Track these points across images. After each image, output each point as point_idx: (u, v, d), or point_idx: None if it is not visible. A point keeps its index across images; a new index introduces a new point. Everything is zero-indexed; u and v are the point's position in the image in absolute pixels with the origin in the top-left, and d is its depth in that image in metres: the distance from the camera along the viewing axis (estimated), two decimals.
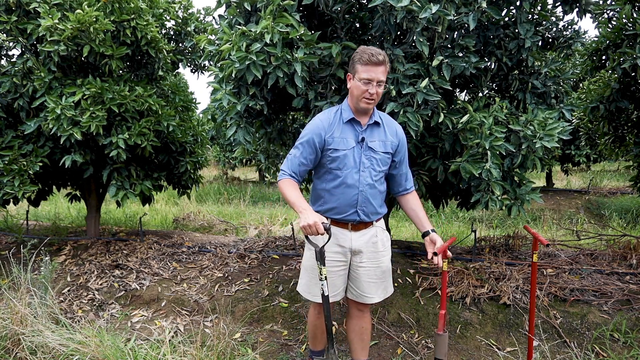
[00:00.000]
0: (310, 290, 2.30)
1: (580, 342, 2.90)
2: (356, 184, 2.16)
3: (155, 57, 4.12)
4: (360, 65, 2.04)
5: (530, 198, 2.92)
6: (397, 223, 7.24)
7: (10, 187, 3.70)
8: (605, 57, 3.76)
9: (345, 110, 2.16)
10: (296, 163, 2.14)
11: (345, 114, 2.15)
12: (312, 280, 2.27)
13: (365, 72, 2.03)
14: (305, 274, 2.34)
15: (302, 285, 2.37)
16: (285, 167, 2.16)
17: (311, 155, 2.15)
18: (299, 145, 2.15)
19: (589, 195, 9.11)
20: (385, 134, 2.21)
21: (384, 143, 2.20)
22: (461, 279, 3.43)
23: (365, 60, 2.02)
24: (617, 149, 4.52)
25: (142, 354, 2.53)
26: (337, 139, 2.13)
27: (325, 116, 2.17)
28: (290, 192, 2.07)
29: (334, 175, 2.17)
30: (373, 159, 2.18)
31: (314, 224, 1.92)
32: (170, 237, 5.05)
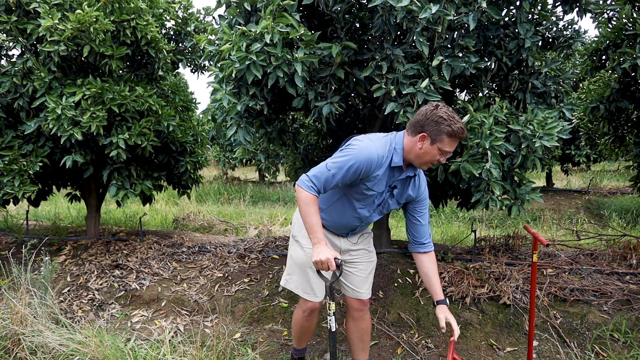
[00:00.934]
0: (304, 288, 2.28)
1: (580, 342, 2.90)
2: (363, 218, 2.20)
3: (155, 57, 4.12)
4: (447, 137, 1.91)
5: (530, 198, 2.92)
6: (397, 223, 7.24)
7: (10, 187, 3.70)
8: (605, 57, 3.75)
9: (397, 154, 2.01)
10: (330, 185, 1.98)
11: (396, 159, 2.01)
12: (305, 278, 2.27)
13: (449, 145, 1.93)
14: (297, 270, 2.29)
15: (293, 281, 2.31)
16: (317, 181, 1.96)
17: (348, 182, 2.01)
18: (344, 166, 1.93)
19: (589, 195, 9.11)
20: (413, 188, 2.15)
21: (403, 195, 2.15)
22: (461, 279, 3.43)
23: (457, 132, 1.90)
24: (617, 149, 4.52)
25: (142, 354, 2.53)
26: (377, 180, 2.04)
27: (382, 152, 1.98)
28: (312, 215, 1.95)
29: (351, 204, 2.13)
30: (389, 204, 2.17)
31: (326, 260, 1.87)
32: (170, 237, 5.05)
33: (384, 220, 4.00)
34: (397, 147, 2.02)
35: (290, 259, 2.34)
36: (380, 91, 2.65)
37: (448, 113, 1.91)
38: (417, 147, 1.96)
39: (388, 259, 3.78)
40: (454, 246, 4.52)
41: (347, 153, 1.96)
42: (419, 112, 1.99)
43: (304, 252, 2.24)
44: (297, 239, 2.29)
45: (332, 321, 2.04)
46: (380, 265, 3.70)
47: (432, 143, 1.93)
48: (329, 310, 2.04)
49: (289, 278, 2.34)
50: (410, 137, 1.99)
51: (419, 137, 1.95)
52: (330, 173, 1.95)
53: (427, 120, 1.92)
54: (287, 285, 2.35)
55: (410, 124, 2.00)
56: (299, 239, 2.27)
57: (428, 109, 1.94)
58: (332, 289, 2.02)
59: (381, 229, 4.01)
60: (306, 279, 2.26)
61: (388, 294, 3.38)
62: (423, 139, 1.94)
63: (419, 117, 1.95)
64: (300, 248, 2.27)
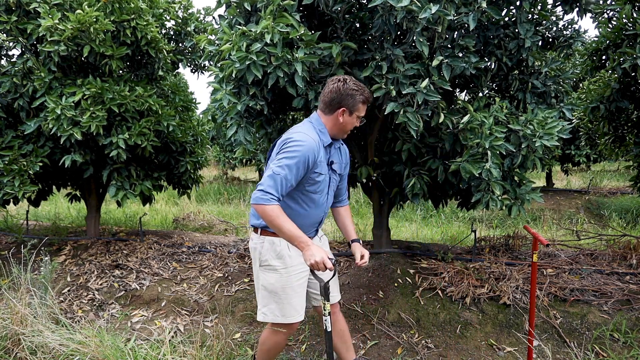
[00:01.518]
0: (285, 312, 2.17)
1: (580, 342, 2.90)
2: (323, 206, 2.21)
3: (155, 57, 4.12)
4: (362, 105, 2.09)
5: (530, 198, 2.92)
6: (397, 223, 7.24)
7: (10, 187, 3.70)
8: (605, 57, 3.76)
9: (324, 134, 2.12)
10: (287, 186, 1.96)
11: (325, 138, 2.11)
12: (286, 300, 2.16)
13: (364, 111, 2.12)
14: (273, 299, 2.16)
15: (271, 311, 2.17)
16: (274, 189, 1.92)
17: (300, 177, 2.01)
18: (292, 165, 1.95)
19: (589, 195, 9.11)
20: (342, 156, 2.28)
21: (340, 165, 2.27)
22: (461, 279, 3.43)
23: (368, 97, 2.10)
24: (617, 149, 4.52)
25: (142, 354, 2.53)
26: (322, 162, 2.10)
27: (314, 136, 2.06)
28: (288, 224, 1.92)
29: (309, 198, 2.13)
30: (335, 180, 2.25)
31: (321, 260, 1.88)
32: (170, 237, 5.05)
33: (384, 220, 4.00)
34: (321, 128, 2.13)
35: (262, 291, 2.19)
36: (380, 91, 2.65)
37: (357, 84, 2.08)
38: (339, 121, 2.11)
39: (388, 259, 3.78)
40: (454, 246, 4.52)
41: (291, 152, 1.97)
42: (329, 90, 2.09)
43: (279, 275, 2.14)
44: (268, 263, 2.14)
45: (328, 321, 2.05)
46: (380, 265, 3.70)
47: (351, 114, 2.10)
48: (324, 310, 2.04)
49: (267, 310, 2.18)
50: (328, 116, 2.12)
51: (339, 112, 2.09)
52: (282, 176, 1.94)
53: (342, 96, 2.06)
54: (266, 319, 2.19)
55: (325, 103, 2.11)
56: (270, 262, 2.14)
57: (339, 86, 2.07)
58: (327, 289, 2.02)
59: (381, 229, 4.01)
60: (287, 301, 2.16)
61: (388, 294, 3.38)
62: (343, 112, 2.09)
63: (334, 95, 2.07)
64: (273, 272, 2.14)
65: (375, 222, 4.06)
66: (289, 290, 2.15)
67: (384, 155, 3.56)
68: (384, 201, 3.92)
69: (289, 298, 2.16)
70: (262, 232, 2.16)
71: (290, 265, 2.14)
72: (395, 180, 3.69)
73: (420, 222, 7.43)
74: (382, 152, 3.59)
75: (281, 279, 2.14)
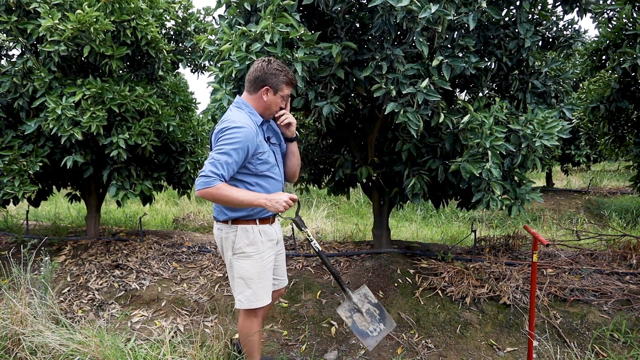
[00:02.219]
0: (260, 296, 2.26)
1: (580, 342, 2.90)
2: (281, 180, 2.34)
3: (155, 57, 4.12)
4: (285, 85, 2.21)
5: (530, 198, 2.92)
6: (397, 223, 7.25)
7: (10, 187, 3.70)
8: (605, 57, 3.76)
9: (254, 114, 2.22)
10: (228, 170, 2.06)
11: (256, 119, 2.22)
12: (260, 285, 2.26)
13: (288, 90, 2.24)
14: (247, 285, 2.25)
15: (247, 297, 2.25)
16: (217, 172, 2.02)
17: (242, 160, 2.12)
18: (231, 151, 2.04)
19: (589, 195, 9.10)
20: (274, 127, 2.40)
21: (278, 137, 2.40)
22: (461, 279, 3.43)
23: (289, 80, 2.22)
24: (617, 149, 4.52)
25: (142, 354, 2.53)
26: (262, 142, 2.20)
27: (249, 120, 2.16)
28: (239, 192, 2.07)
29: (267, 177, 2.24)
30: (278, 152, 2.37)
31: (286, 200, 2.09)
32: (170, 237, 5.05)
33: (384, 220, 4.00)
34: (250, 110, 2.22)
35: (239, 281, 2.26)
36: (380, 91, 2.65)
37: (280, 65, 2.20)
38: (263, 100, 2.20)
39: (388, 259, 3.78)
40: (454, 246, 4.52)
41: (230, 138, 2.06)
42: (254, 69, 2.20)
43: (253, 261, 2.24)
44: (242, 251, 2.24)
45: (315, 243, 2.32)
46: (380, 265, 3.70)
47: (275, 93, 2.20)
48: (309, 237, 2.28)
49: (242, 297, 2.27)
50: (253, 95, 2.22)
51: (263, 91, 2.19)
52: (222, 161, 2.03)
53: (266, 75, 2.17)
54: (243, 306, 2.27)
55: (250, 82, 2.21)
56: (244, 249, 2.23)
57: (263, 65, 2.18)
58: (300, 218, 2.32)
59: (381, 229, 4.01)
60: (261, 285, 2.26)
61: (388, 294, 3.38)
62: (267, 91, 2.19)
63: (258, 74, 2.18)
64: (247, 259, 2.24)
65: (375, 222, 4.06)
66: (262, 275, 2.27)
67: (384, 155, 3.56)
68: (384, 201, 3.93)
69: (262, 282, 2.27)
70: (233, 221, 2.23)
71: (262, 250, 2.26)
72: (395, 180, 3.69)
73: (420, 222, 7.43)
74: (382, 152, 3.59)
75: (255, 264, 2.24)
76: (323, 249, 4.41)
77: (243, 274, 2.25)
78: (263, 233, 2.26)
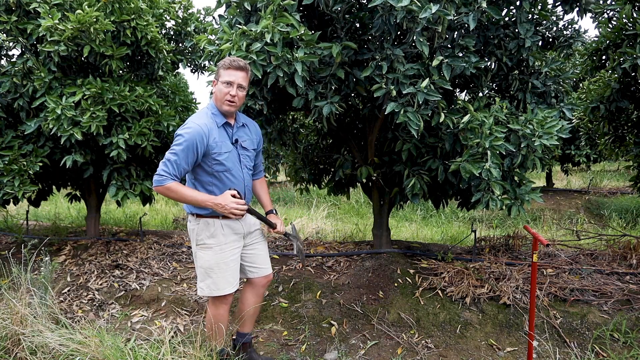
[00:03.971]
0: (219, 286, 2.38)
1: (580, 342, 2.90)
2: (241, 180, 2.40)
3: (155, 57, 4.11)
4: (223, 70, 2.27)
5: (530, 198, 2.92)
6: (397, 223, 7.25)
7: (10, 187, 3.70)
8: (605, 57, 3.76)
9: (216, 115, 2.31)
10: (179, 169, 2.19)
11: (219, 119, 2.30)
12: (221, 274, 2.37)
13: (227, 75, 2.26)
14: (207, 274, 2.37)
15: (208, 285, 2.38)
16: (166, 171, 2.16)
17: (192, 160, 2.21)
18: (178, 151, 2.16)
19: (589, 195, 9.10)
20: (251, 133, 2.48)
21: (252, 141, 2.47)
22: (461, 279, 3.43)
23: (227, 65, 2.26)
24: (617, 149, 4.52)
25: (142, 354, 2.52)
26: (219, 143, 2.27)
27: (203, 121, 2.23)
28: (189, 192, 2.22)
29: (221, 177, 2.32)
30: (247, 156, 2.44)
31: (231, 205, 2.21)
32: (170, 237, 5.05)
33: (384, 220, 4.00)
34: (214, 110, 2.32)
35: (199, 268, 2.40)
36: (380, 91, 2.65)
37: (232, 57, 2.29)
38: (215, 94, 2.31)
39: (388, 259, 3.78)
40: (454, 246, 4.52)
41: (178, 140, 2.18)
42: None
43: (213, 252, 2.35)
44: (203, 242, 2.36)
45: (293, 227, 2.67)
46: (380, 265, 3.70)
47: (218, 82, 2.29)
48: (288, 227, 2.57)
49: (203, 285, 2.39)
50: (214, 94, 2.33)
51: (213, 85, 2.34)
52: (172, 160, 2.17)
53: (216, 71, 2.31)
54: (203, 293, 2.39)
55: None
56: (205, 241, 2.35)
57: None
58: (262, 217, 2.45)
59: (381, 229, 4.01)
60: (221, 275, 2.37)
61: (388, 294, 3.38)
62: (214, 84, 2.33)
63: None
64: (208, 250, 2.36)
65: (375, 222, 4.06)
66: (223, 266, 2.37)
67: (384, 155, 3.56)
68: (384, 201, 3.92)
69: (223, 272, 2.37)
70: (197, 215, 2.36)
71: (224, 243, 2.36)
72: (395, 180, 3.69)
73: (420, 222, 7.43)
74: (382, 152, 3.59)
75: (215, 255, 2.35)
76: (323, 249, 4.41)
77: (203, 264, 2.37)
78: (226, 227, 2.35)
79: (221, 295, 2.40)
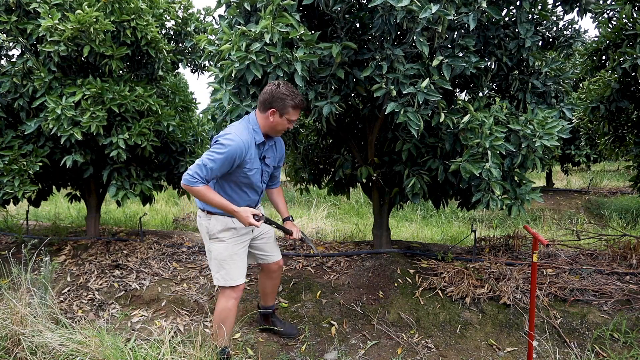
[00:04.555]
0: (232, 276, 2.55)
1: (580, 342, 2.90)
2: (258, 192, 2.60)
3: (155, 57, 4.11)
4: (291, 109, 2.37)
5: (530, 198, 2.92)
6: (397, 223, 7.25)
7: (10, 187, 3.69)
8: (605, 57, 3.75)
9: (257, 133, 2.43)
10: (211, 175, 2.31)
11: (258, 137, 2.43)
12: (234, 265, 2.55)
13: (294, 115, 2.40)
14: (221, 266, 2.54)
15: (222, 276, 2.54)
16: (199, 174, 2.27)
17: (225, 170, 2.35)
18: (217, 159, 2.27)
19: (589, 195, 9.10)
20: (276, 151, 2.63)
21: (274, 159, 2.63)
22: (461, 279, 3.43)
23: (296, 104, 2.37)
24: (617, 149, 4.52)
25: (142, 354, 2.53)
26: (252, 160, 2.42)
27: (246, 137, 2.35)
28: (217, 196, 2.35)
29: (241, 187, 2.50)
30: (267, 172, 2.61)
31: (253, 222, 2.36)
32: (170, 237, 5.05)
33: (384, 220, 4.00)
34: (255, 127, 2.42)
35: (214, 262, 2.56)
36: (380, 91, 2.65)
37: (289, 89, 2.35)
38: (270, 121, 2.39)
39: (388, 259, 3.78)
40: (454, 246, 4.52)
41: (220, 148, 2.28)
42: (264, 92, 2.38)
43: (225, 244, 2.53)
44: (216, 236, 2.53)
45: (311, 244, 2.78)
46: (380, 265, 3.70)
47: (281, 116, 2.38)
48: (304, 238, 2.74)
49: (219, 276, 2.56)
50: (262, 114, 2.41)
51: (269, 113, 2.37)
52: (208, 167, 2.27)
53: (274, 98, 2.34)
54: (219, 283, 2.56)
55: (260, 102, 2.40)
56: (218, 235, 2.52)
57: (272, 89, 2.35)
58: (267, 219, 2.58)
59: (381, 229, 4.01)
60: (234, 265, 2.55)
61: (388, 294, 3.38)
62: (273, 113, 2.37)
63: (266, 97, 2.36)
64: (220, 242, 2.53)
65: (375, 222, 4.06)
66: (235, 257, 2.56)
67: (384, 155, 3.56)
68: (384, 201, 3.92)
69: (235, 263, 2.55)
70: (208, 212, 2.52)
71: (236, 235, 2.56)
72: (395, 180, 3.69)
73: (420, 222, 7.43)
74: (382, 152, 3.59)
75: (227, 247, 2.53)
76: (323, 249, 4.41)
77: (217, 256, 2.54)
78: (235, 221, 2.51)
79: (234, 285, 2.56)
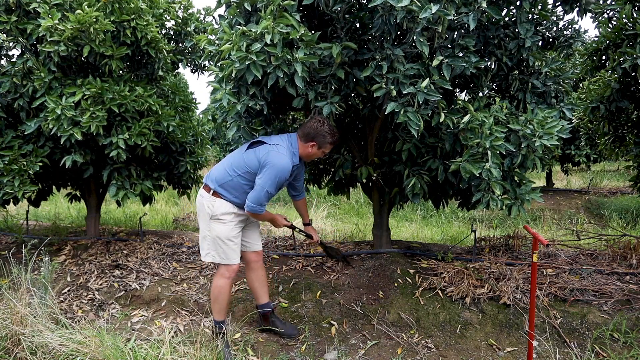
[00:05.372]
0: (228, 256, 2.80)
1: (580, 342, 2.90)
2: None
3: (155, 57, 4.11)
4: (329, 145, 2.79)
5: (530, 198, 2.92)
6: (397, 223, 7.25)
7: (10, 187, 3.69)
8: (605, 57, 3.75)
9: (295, 156, 2.78)
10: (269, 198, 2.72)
11: (295, 159, 2.77)
12: (226, 247, 2.78)
13: (329, 149, 2.82)
14: (218, 245, 2.78)
15: (219, 254, 2.79)
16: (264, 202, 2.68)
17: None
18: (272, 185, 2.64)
19: (589, 195, 9.10)
20: (299, 169, 2.95)
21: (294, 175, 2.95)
22: (461, 279, 3.43)
23: (334, 141, 2.78)
24: (617, 149, 4.52)
25: (142, 354, 2.53)
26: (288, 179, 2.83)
27: (290, 161, 2.70)
28: (269, 214, 2.86)
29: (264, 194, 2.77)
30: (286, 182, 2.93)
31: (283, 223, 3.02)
32: (170, 237, 5.05)
33: (384, 220, 4.00)
34: (295, 151, 2.78)
35: (209, 238, 2.79)
36: (380, 91, 2.65)
37: (330, 128, 2.74)
38: (308, 150, 2.79)
39: (388, 259, 3.78)
40: (454, 246, 4.52)
41: (271, 172, 2.62)
42: (309, 126, 2.74)
43: (225, 226, 2.77)
44: (218, 217, 2.76)
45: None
46: (380, 265, 3.70)
47: (319, 148, 2.79)
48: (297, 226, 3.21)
49: (214, 253, 2.80)
50: (302, 143, 2.78)
51: (310, 145, 2.77)
52: (271, 191, 2.66)
53: (317, 134, 2.73)
54: (210, 259, 2.81)
55: (304, 133, 2.76)
56: (220, 217, 2.76)
57: (317, 126, 2.72)
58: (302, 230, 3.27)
59: (381, 229, 4.01)
60: (230, 246, 2.80)
61: (388, 294, 3.38)
62: (313, 146, 2.77)
63: (311, 131, 2.73)
64: (221, 224, 2.77)
65: (375, 222, 4.06)
66: (233, 239, 2.81)
67: (384, 155, 3.56)
68: (384, 201, 3.92)
69: (232, 244, 2.80)
70: (214, 193, 2.77)
71: (235, 220, 2.81)
72: (395, 180, 3.69)
73: (420, 222, 7.43)
74: (382, 152, 3.58)
75: (228, 230, 2.78)
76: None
77: (218, 234, 2.77)
78: (234, 207, 2.81)
79: (229, 264, 2.81)
